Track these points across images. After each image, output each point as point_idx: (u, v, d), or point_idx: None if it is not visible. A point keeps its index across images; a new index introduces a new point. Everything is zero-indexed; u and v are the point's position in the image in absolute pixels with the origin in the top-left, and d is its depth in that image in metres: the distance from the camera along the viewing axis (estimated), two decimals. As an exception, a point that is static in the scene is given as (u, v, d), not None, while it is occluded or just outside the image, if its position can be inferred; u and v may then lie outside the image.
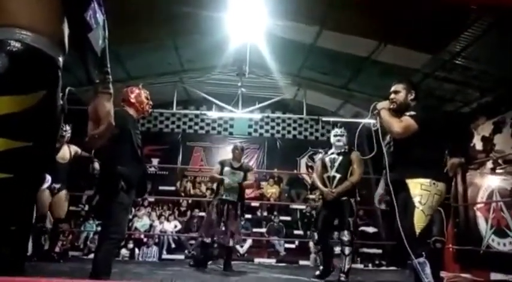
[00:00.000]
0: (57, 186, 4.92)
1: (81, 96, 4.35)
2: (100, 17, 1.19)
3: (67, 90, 1.31)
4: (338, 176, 4.37)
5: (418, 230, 2.55)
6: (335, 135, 4.55)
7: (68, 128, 5.00)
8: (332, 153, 4.54)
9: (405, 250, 2.52)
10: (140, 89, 3.12)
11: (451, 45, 5.13)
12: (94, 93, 1.22)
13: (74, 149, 5.07)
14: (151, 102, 3.16)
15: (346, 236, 4.24)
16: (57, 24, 1.13)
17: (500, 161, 5.91)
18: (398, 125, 2.74)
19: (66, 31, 1.17)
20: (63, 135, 4.95)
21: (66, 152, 5.02)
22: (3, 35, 1.03)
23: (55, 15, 1.13)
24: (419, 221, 2.57)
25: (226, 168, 5.03)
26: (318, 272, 4.47)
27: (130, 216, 7.85)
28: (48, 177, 4.67)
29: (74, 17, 1.16)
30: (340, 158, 4.43)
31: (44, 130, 1.09)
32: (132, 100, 3.03)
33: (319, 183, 4.54)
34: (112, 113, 1.25)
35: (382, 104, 2.89)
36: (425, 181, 2.65)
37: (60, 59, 1.15)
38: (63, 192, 5.05)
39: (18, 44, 1.03)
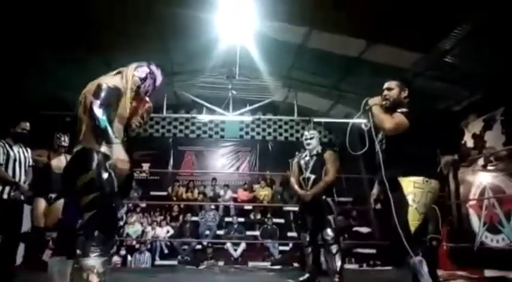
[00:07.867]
0: (53, 196, 4.84)
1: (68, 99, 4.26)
2: None
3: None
4: (313, 177, 4.37)
5: (412, 228, 2.50)
6: (305, 139, 4.57)
7: (66, 138, 4.90)
8: (306, 156, 4.56)
9: (400, 249, 2.48)
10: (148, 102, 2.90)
11: (441, 44, 5.14)
12: None
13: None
14: (138, 121, 2.87)
15: (329, 234, 4.12)
16: None
17: (491, 158, 5.93)
18: (390, 121, 2.71)
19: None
20: (62, 145, 4.85)
21: (63, 162, 4.91)
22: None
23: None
24: (413, 219, 2.53)
25: None
26: (305, 276, 4.30)
27: (122, 223, 7.75)
28: None
29: None
30: (314, 159, 4.46)
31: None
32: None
33: (295, 186, 4.53)
34: None
35: (374, 100, 2.86)
36: (418, 179, 2.62)
37: None
38: (59, 202, 4.95)
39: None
